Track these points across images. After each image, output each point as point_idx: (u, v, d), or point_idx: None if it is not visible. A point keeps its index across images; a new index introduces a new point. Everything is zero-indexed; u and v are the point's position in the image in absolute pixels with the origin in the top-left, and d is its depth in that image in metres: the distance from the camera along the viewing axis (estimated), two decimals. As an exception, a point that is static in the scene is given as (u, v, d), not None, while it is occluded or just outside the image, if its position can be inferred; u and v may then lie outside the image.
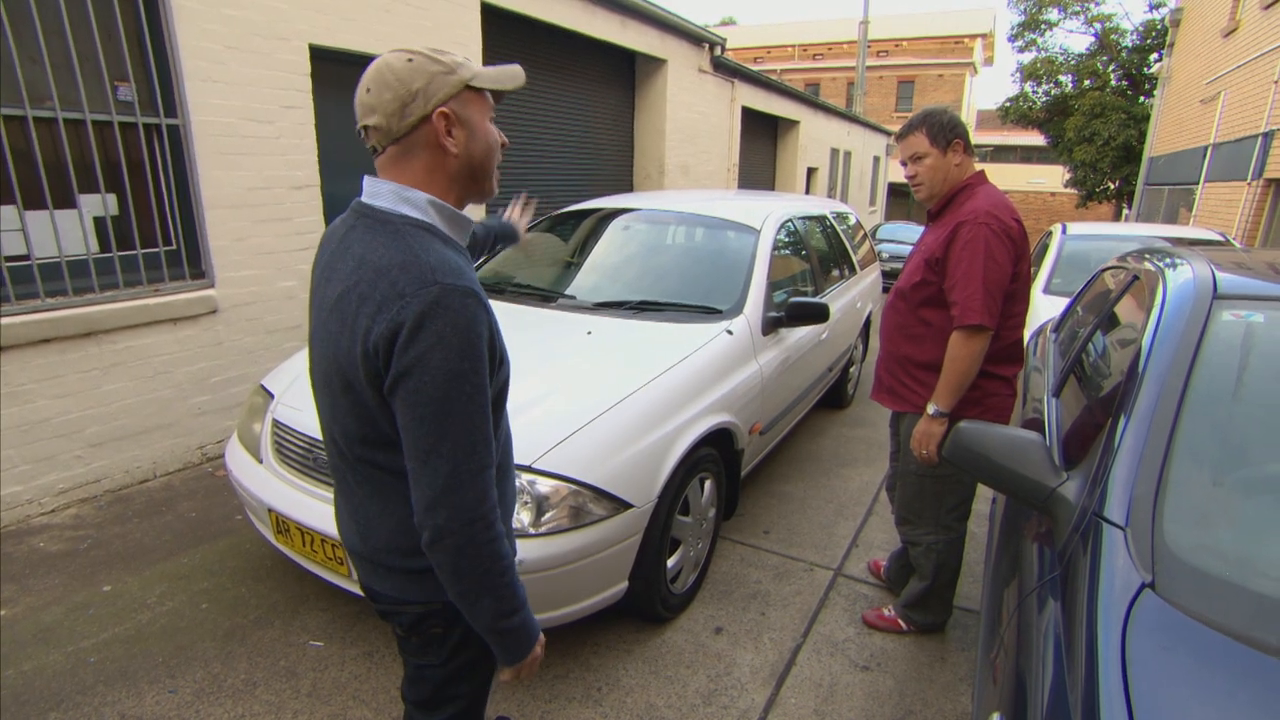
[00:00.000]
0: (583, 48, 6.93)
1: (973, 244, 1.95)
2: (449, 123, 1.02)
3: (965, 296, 1.95)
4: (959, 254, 1.97)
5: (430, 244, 0.98)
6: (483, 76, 1.05)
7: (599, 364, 2.48)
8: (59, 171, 3.15)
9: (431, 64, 1.00)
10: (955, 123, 2.06)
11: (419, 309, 0.91)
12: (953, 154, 2.07)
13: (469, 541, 0.98)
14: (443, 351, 0.92)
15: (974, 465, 1.51)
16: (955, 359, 2.00)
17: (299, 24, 3.94)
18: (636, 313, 2.88)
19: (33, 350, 3.10)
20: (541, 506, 1.97)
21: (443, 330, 0.91)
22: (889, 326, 2.26)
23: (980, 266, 1.94)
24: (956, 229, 1.98)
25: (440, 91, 1.00)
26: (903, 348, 2.20)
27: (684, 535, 2.48)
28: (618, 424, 2.15)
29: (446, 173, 1.05)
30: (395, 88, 0.98)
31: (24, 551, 2.93)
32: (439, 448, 0.95)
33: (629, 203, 3.97)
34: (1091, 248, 5.73)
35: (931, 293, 2.09)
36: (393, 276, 0.94)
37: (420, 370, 0.92)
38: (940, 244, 2.02)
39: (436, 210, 1.04)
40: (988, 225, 1.96)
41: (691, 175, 9.10)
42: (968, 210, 2.01)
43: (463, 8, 5.13)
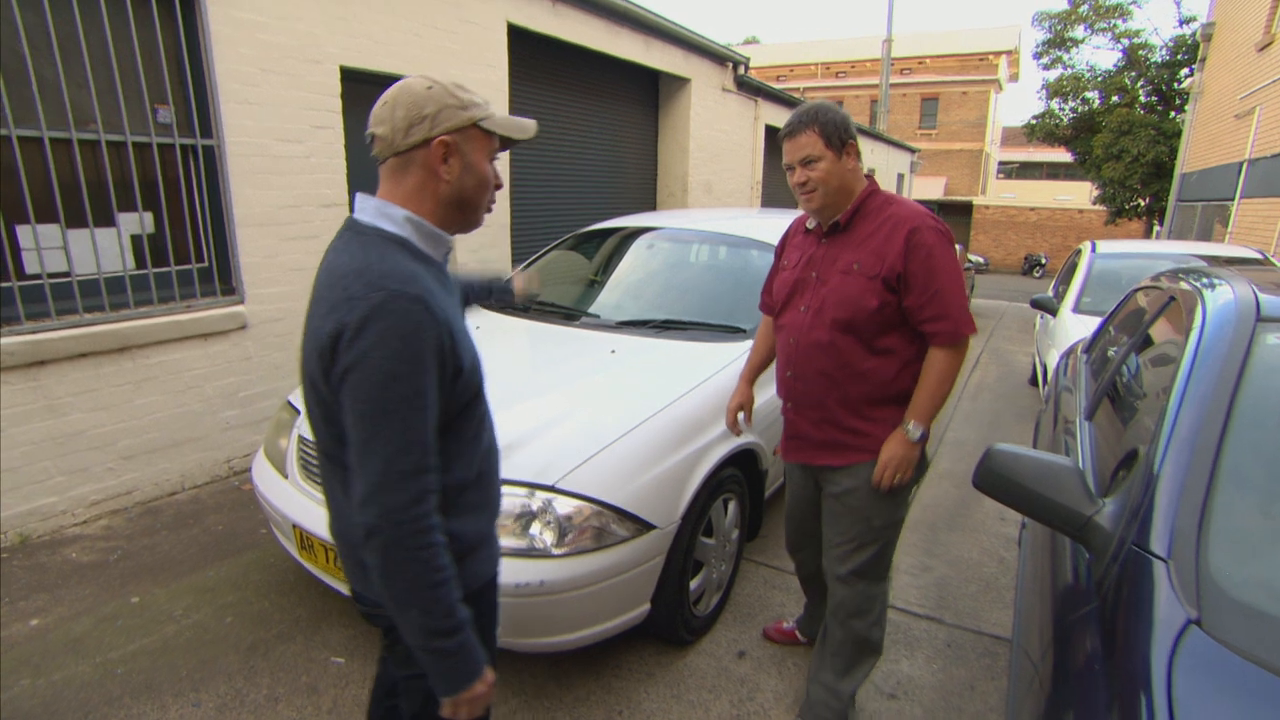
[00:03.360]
0: (607, 67, 7.01)
1: (941, 251, 1.75)
2: (447, 151, 1.09)
3: (954, 308, 1.75)
4: (929, 264, 1.73)
5: (392, 254, 1.05)
6: (494, 121, 1.14)
7: (622, 383, 2.47)
8: (100, 191, 3.24)
9: (448, 96, 1.09)
10: (848, 123, 1.79)
11: (364, 311, 0.97)
12: (848, 157, 1.80)
13: (396, 543, 0.99)
14: (382, 353, 0.97)
15: (1005, 491, 1.47)
16: (945, 377, 1.79)
17: (331, 47, 4.03)
18: (660, 331, 2.88)
19: (70, 364, 3.18)
20: (564, 527, 1.96)
21: (384, 333, 0.97)
22: (817, 370, 1.86)
23: (956, 275, 1.78)
24: (910, 238, 1.73)
25: (447, 122, 1.08)
26: (850, 389, 1.85)
27: (707, 557, 2.45)
28: (641, 444, 2.14)
29: (435, 196, 1.12)
30: (408, 107, 1.07)
31: (57, 562, 2.98)
32: (372, 444, 0.99)
33: (652, 221, 3.99)
34: (1122, 266, 5.63)
35: (891, 315, 1.79)
36: (346, 281, 1.01)
37: (360, 369, 0.98)
38: (896, 257, 1.75)
39: (413, 226, 1.10)
40: (938, 229, 1.77)
41: (715, 193, 9.12)
42: (904, 216, 1.78)
43: (489, 30, 5.22)
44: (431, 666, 1.07)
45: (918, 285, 1.75)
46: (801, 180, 1.80)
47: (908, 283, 1.76)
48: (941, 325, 1.77)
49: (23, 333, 3.03)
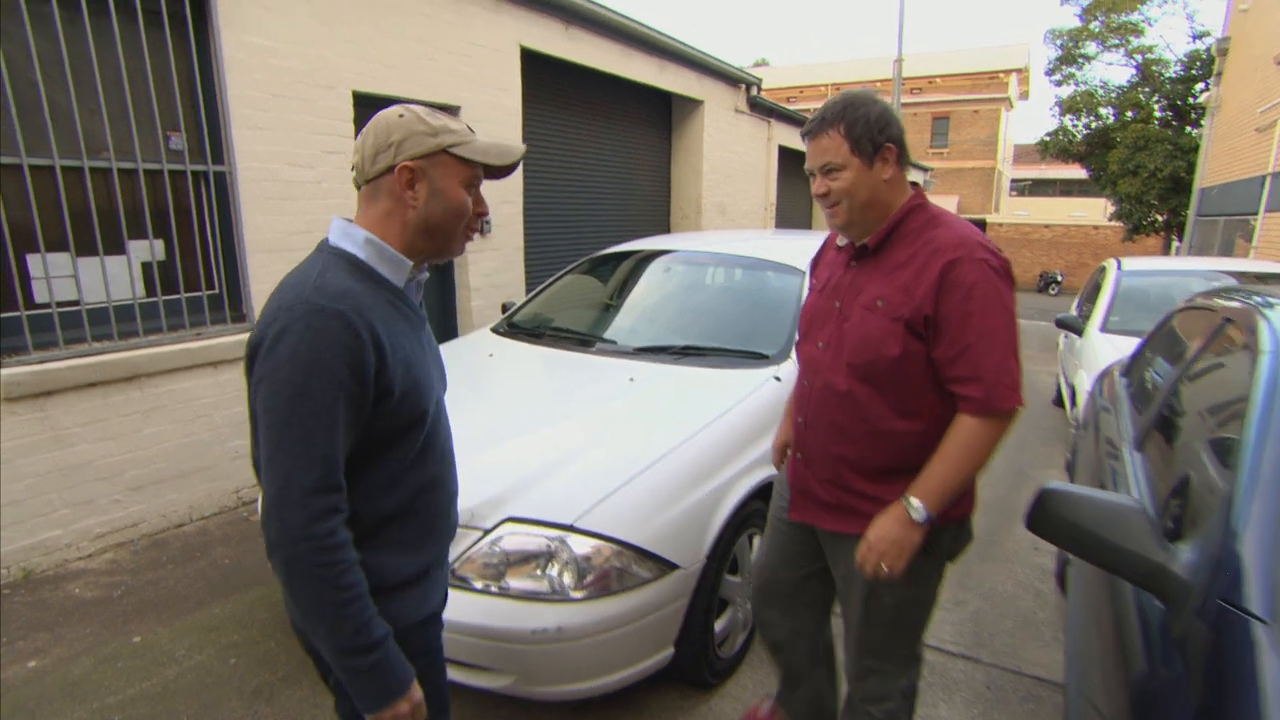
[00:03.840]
0: (620, 89, 7.00)
1: (985, 291, 1.37)
2: (412, 177, 1.08)
3: (989, 369, 1.37)
4: (965, 307, 1.37)
5: (336, 271, 1.04)
6: (469, 148, 1.11)
7: (642, 413, 2.37)
8: (111, 219, 3.21)
9: (417, 123, 1.08)
10: (886, 120, 1.43)
11: (283, 323, 0.98)
12: (882, 165, 1.44)
13: (295, 559, 0.98)
14: (292, 365, 0.96)
15: (1064, 536, 1.35)
16: (971, 451, 1.40)
17: (344, 72, 4.01)
18: (679, 358, 2.78)
19: (77, 394, 3.12)
20: (583, 568, 1.85)
21: (296, 345, 0.97)
22: (830, 422, 1.55)
23: (1004, 324, 1.39)
24: (946, 272, 1.38)
25: (412, 149, 1.07)
26: (869, 451, 1.51)
27: (732, 596, 2.33)
28: (663, 479, 2.04)
29: (403, 222, 1.11)
30: (378, 135, 1.08)
31: (60, 598, 2.90)
32: (275, 458, 0.98)
33: (668, 244, 3.91)
34: (1149, 284, 5.49)
35: (919, 369, 1.45)
36: (282, 292, 1.03)
37: (270, 380, 0.98)
38: (926, 295, 1.39)
39: (373, 248, 1.10)
40: (989, 263, 1.39)
41: (728, 215, 9.06)
42: (946, 242, 1.41)
43: (502, 54, 5.21)
44: (349, 684, 1.04)
45: (948, 333, 1.39)
46: (822, 191, 1.48)
47: (937, 329, 1.40)
48: (970, 389, 1.39)
49: (30, 362, 2.98)
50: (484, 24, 5.01)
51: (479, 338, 3.38)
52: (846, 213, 1.48)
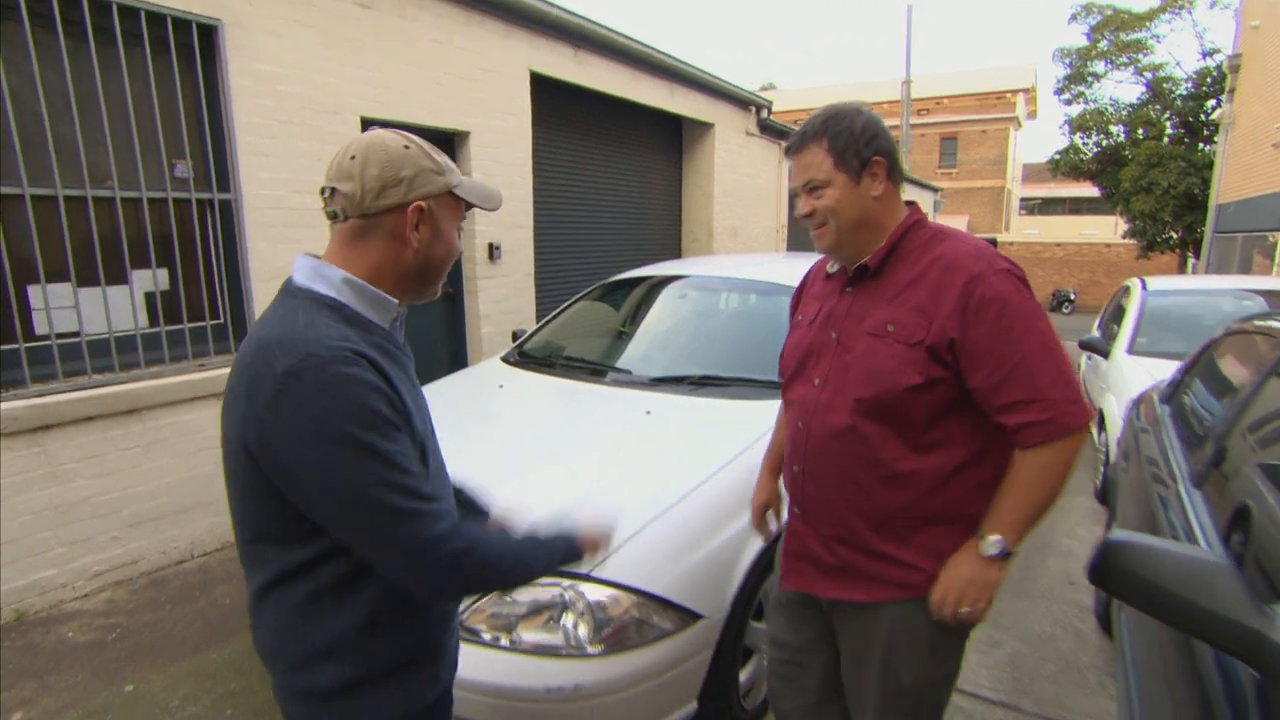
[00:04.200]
0: (630, 113, 6.96)
1: (1019, 304, 1.24)
2: (420, 217, 1.00)
3: (1048, 386, 1.22)
4: (1002, 325, 1.23)
5: (320, 319, 0.93)
6: (465, 188, 1.06)
7: (660, 449, 2.24)
8: (113, 249, 3.14)
9: (425, 159, 1.01)
10: (873, 132, 1.30)
11: (291, 383, 0.86)
12: (870, 181, 1.31)
13: (463, 587, 1.01)
14: (328, 421, 0.86)
15: (1140, 595, 1.21)
16: (1049, 481, 1.26)
17: (351, 98, 3.97)
18: (697, 389, 2.66)
19: (76, 428, 3.03)
20: (599, 620, 1.72)
21: (321, 397, 0.86)
22: (835, 467, 1.36)
23: (1049, 335, 1.25)
24: (969, 289, 1.24)
25: (425, 187, 1.00)
26: (882, 497, 1.32)
27: (758, 643, 2.18)
28: (686, 521, 1.90)
29: (398, 264, 1.02)
30: (384, 166, 0.97)
31: (51, 642, 2.78)
32: (381, 526, 0.91)
33: (681, 269, 3.80)
34: (1176, 303, 5.34)
35: (943, 397, 1.29)
36: (268, 353, 0.89)
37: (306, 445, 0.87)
38: (948, 317, 1.25)
39: (352, 290, 0.99)
40: (1013, 274, 1.27)
41: (740, 238, 8.99)
42: (960, 257, 1.28)
43: (511, 78, 5.17)
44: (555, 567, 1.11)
45: (988, 358, 1.23)
46: (806, 211, 1.35)
47: (970, 355, 1.24)
48: (1032, 413, 1.22)
49: (28, 396, 2.89)
50: (494, 49, 4.98)
51: (489, 368, 3.27)
52: (834, 233, 1.35)
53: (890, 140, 1.34)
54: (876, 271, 1.36)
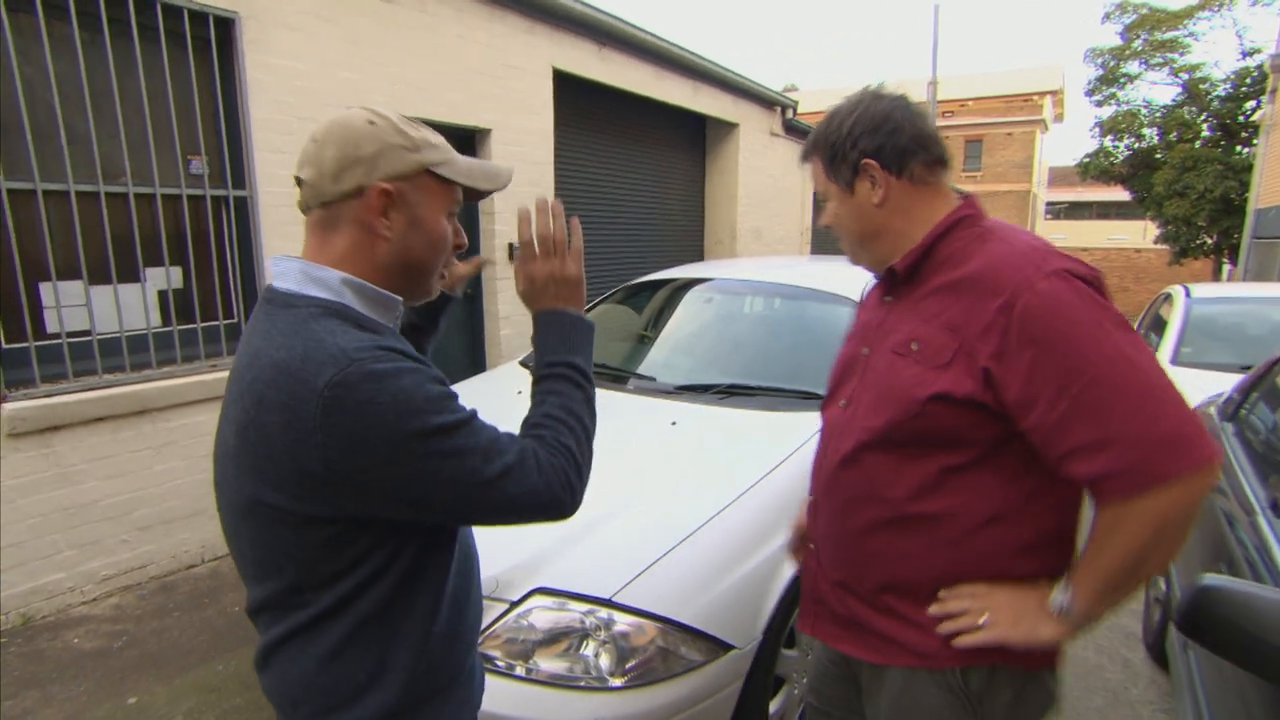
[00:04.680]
0: (653, 112, 6.84)
1: (1087, 312, 0.93)
2: (388, 202, 0.86)
3: (1128, 417, 0.89)
4: (1058, 349, 0.92)
5: (335, 329, 0.81)
6: (453, 167, 0.91)
7: (687, 464, 2.11)
8: (126, 246, 3.07)
9: (394, 134, 0.86)
10: (863, 128, 1.09)
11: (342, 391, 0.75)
12: (866, 187, 1.10)
13: (569, 483, 0.91)
14: (405, 416, 0.77)
15: (1239, 648, 1.06)
16: (1140, 537, 0.91)
17: (371, 94, 3.88)
18: (725, 398, 2.52)
19: (86, 429, 2.96)
20: (623, 650, 1.59)
21: (381, 400, 0.76)
22: (843, 499, 1.15)
23: (1130, 349, 0.92)
24: (1013, 300, 0.95)
25: (390, 166, 0.85)
26: (896, 541, 1.08)
27: (789, 671, 2.04)
28: (715, 545, 1.77)
29: (373, 258, 0.88)
30: (342, 146, 0.84)
31: (57, 649, 2.71)
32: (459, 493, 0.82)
33: (705, 272, 3.67)
34: (1222, 312, 5.11)
35: (972, 431, 1.01)
36: (298, 370, 0.76)
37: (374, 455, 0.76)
38: (981, 338, 0.97)
39: (353, 290, 0.86)
40: (1074, 273, 0.96)
41: (764, 240, 8.83)
42: (1002, 260, 1.00)
43: (535, 76, 5.07)
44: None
45: (1041, 391, 0.92)
46: (825, 223, 1.21)
47: (1017, 390, 0.94)
48: (1101, 463, 0.89)
49: (37, 396, 2.82)
50: (517, 46, 4.88)
51: (507, 372, 3.16)
52: (848, 249, 1.21)
53: (896, 130, 1.08)
54: (910, 278, 1.12)
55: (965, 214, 1.10)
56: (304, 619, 0.83)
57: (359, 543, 0.81)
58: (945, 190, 1.12)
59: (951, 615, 1.04)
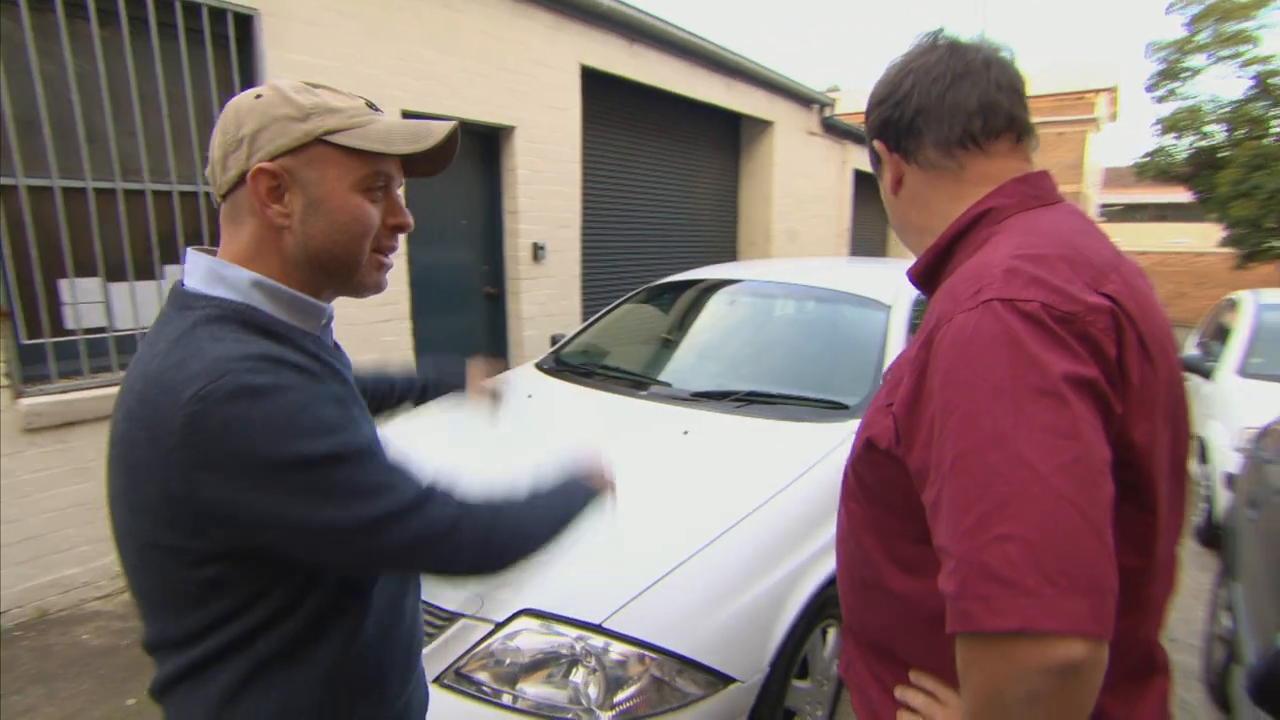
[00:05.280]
0: (685, 109, 6.71)
1: (979, 370, 0.66)
2: (274, 184, 0.75)
3: (969, 533, 0.63)
4: (943, 405, 0.68)
5: (222, 337, 0.70)
6: (357, 133, 0.76)
7: (695, 478, 1.98)
8: (143, 243, 3.07)
9: (281, 104, 0.75)
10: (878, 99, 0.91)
11: (210, 406, 0.65)
12: (904, 164, 0.90)
13: (487, 557, 0.81)
14: (263, 441, 0.66)
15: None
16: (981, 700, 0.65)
17: (393, 89, 3.84)
18: (742, 406, 2.37)
19: (102, 425, 2.95)
20: (614, 681, 1.47)
21: (262, 420, 0.66)
22: (843, 554, 0.96)
23: (1010, 429, 0.63)
24: (927, 343, 0.73)
25: (273, 142, 0.74)
26: (870, 612, 0.90)
27: (800, 704, 1.89)
28: (719, 568, 1.63)
29: (280, 252, 0.78)
30: (225, 130, 0.76)
31: (66, 645, 2.70)
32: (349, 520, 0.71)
33: (734, 273, 3.52)
34: (1297, 319, 4.74)
35: (903, 489, 0.77)
36: (166, 380, 0.67)
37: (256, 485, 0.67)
38: (910, 368, 0.75)
39: (265, 293, 0.76)
40: (1007, 310, 0.67)
41: (800, 242, 8.61)
42: (957, 279, 0.77)
43: (562, 72, 4.98)
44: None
45: (928, 462, 0.70)
46: None
47: (915, 452, 0.73)
48: (944, 578, 0.65)
49: (53, 392, 2.83)
50: (544, 42, 4.80)
51: (520, 375, 3.07)
52: (903, 237, 1.00)
53: (902, 102, 0.86)
54: (928, 283, 0.93)
55: (989, 206, 0.84)
56: (196, 658, 0.73)
57: (254, 579, 0.71)
58: (980, 175, 0.86)
59: (909, 706, 0.83)
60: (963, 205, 0.86)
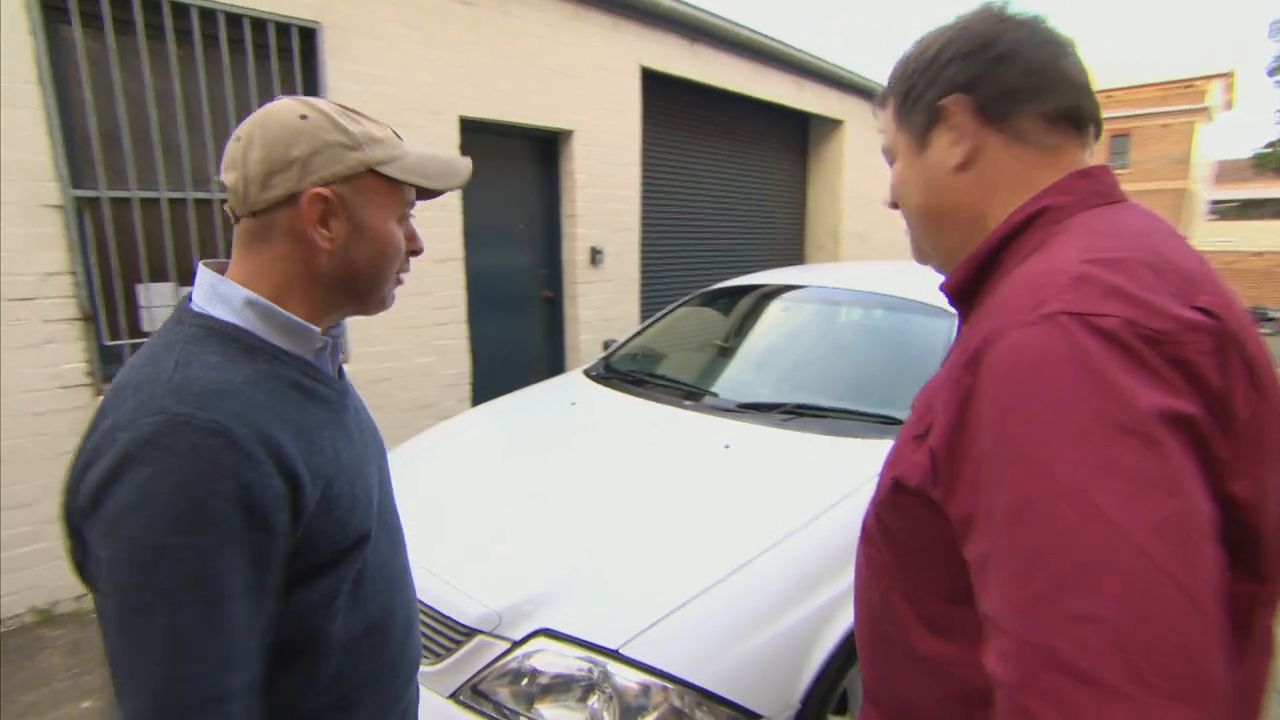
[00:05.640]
0: (749, 108, 6.56)
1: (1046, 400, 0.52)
2: (326, 209, 0.76)
3: (1024, 608, 0.50)
4: (1000, 441, 0.54)
5: (203, 357, 0.69)
6: (402, 165, 0.80)
7: (731, 497, 1.87)
8: (211, 250, 3.21)
9: (330, 130, 0.75)
10: (967, 49, 0.72)
11: (124, 449, 0.63)
12: (945, 142, 0.74)
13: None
14: (141, 518, 0.62)
15: None
16: None
17: (452, 97, 3.89)
18: (791, 419, 2.25)
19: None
20: (627, 709, 1.39)
21: (150, 485, 0.62)
22: (860, 602, 0.82)
23: (1112, 496, 0.48)
24: (972, 364, 0.59)
25: (327, 168, 0.75)
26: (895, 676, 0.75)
27: (842, 743, 1.76)
28: (748, 594, 1.53)
29: (311, 273, 0.78)
30: (269, 147, 0.74)
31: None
32: (133, 663, 0.63)
33: (795, 278, 3.37)
34: None
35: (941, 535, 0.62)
36: (119, 395, 0.67)
37: (111, 543, 0.63)
38: (949, 393, 0.61)
39: (259, 314, 0.75)
40: (1080, 325, 0.53)
41: (870, 244, 8.30)
42: (1005, 293, 0.62)
43: (621, 75, 4.95)
44: None
45: (977, 510, 0.56)
46: (888, 202, 0.87)
47: (960, 497, 0.59)
48: (992, 657, 0.52)
49: (129, 392, 2.99)
50: (603, 44, 4.78)
51: (567, 381, 3.03)
52: (910, 231, 0.84)
53: (1006, 57, 0.70)
54: (966, 299, 0.76)
55: (1046, 204, 0.69)
56: None
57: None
58: (1069, 163, 0.71)
59: None
60: (1027, 193, 0.71)
